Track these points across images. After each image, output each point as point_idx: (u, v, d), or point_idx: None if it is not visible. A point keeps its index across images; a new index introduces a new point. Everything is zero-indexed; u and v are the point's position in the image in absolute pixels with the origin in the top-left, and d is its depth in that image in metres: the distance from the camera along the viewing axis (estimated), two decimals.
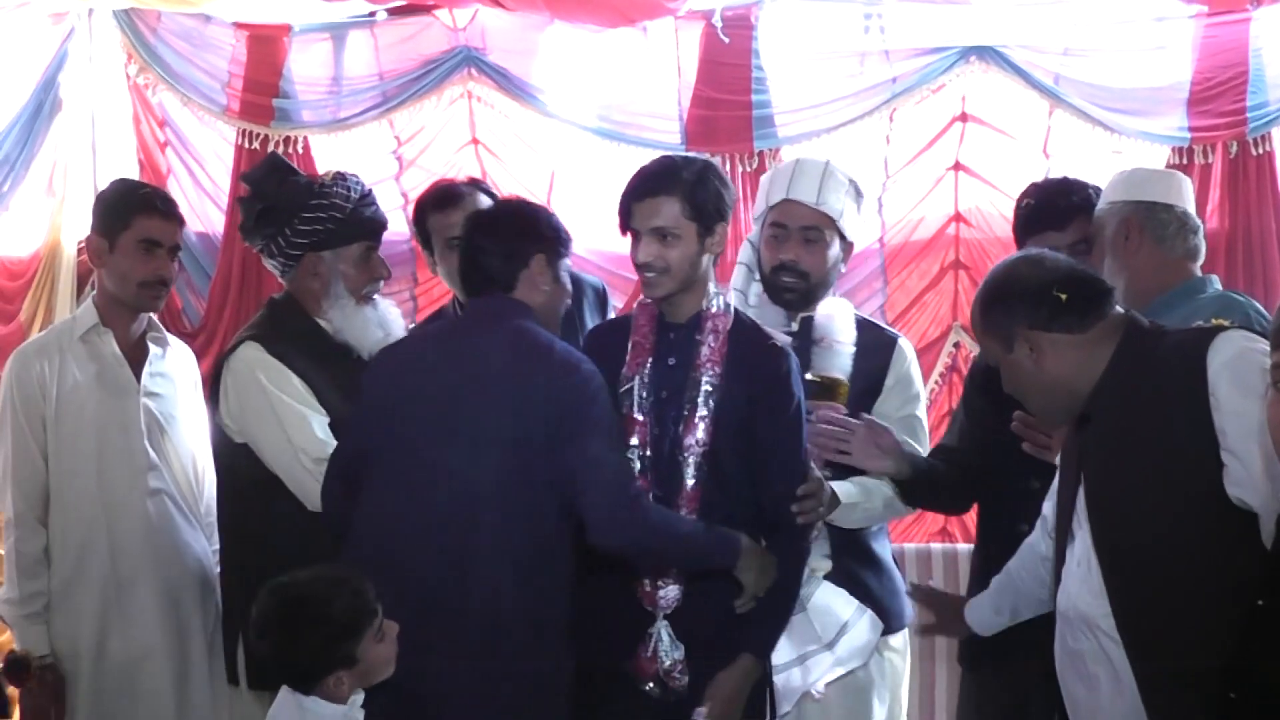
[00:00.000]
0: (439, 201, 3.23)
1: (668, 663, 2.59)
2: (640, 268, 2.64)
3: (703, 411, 2.62)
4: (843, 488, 2.80)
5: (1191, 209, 2.89)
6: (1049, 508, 2.53)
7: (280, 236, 2.94)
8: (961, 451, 2.92)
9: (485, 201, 3.21)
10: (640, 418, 2.65)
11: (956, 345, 4.54)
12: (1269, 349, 1.82)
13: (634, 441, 2.64)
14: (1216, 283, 2.86)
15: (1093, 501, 2.26)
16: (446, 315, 3.30)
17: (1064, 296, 2.25)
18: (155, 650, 3.16)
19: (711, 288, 2.70)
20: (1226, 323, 2.34)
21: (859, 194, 3.03)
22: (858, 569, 2.95)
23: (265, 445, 2.87)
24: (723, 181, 2.68)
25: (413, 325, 3.53)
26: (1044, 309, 2.25)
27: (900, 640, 3.06)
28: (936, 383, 4.52)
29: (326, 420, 2.86)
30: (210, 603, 3.25)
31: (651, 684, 2.62)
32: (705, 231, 2.62)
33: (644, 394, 2.66)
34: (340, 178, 2.99)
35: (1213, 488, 2.09)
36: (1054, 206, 2.96)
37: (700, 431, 2.61)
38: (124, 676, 3.16)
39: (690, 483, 2.61)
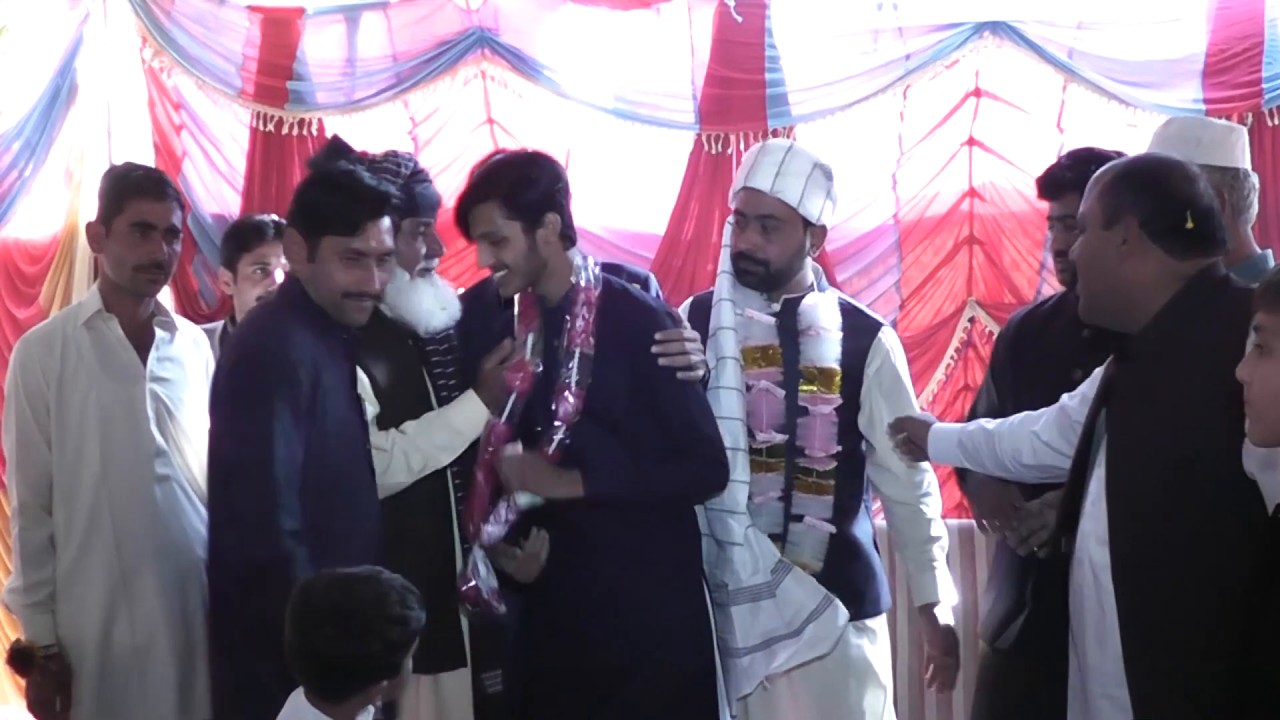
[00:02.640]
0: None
1: (484, 590, 2.73)
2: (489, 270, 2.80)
3: (573, 385, 2.73)
4: None
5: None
6: (1070, 405, 2.48)
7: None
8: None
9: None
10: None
11: (971, 321, 4.54)
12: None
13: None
14: (1270, 258, 2.81)
15: (1113, 442, 2.23)
16: (491, 286, 3.30)
17: (1192, 225, 2.21)
18: (160, 639, 3.15)
19: (577, 263, 2.80)
20: None
21: (827, 176, 3.02)
22: (833, 554, 2.98)
23: None
24: (545, 171, 2.78)
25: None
26: (1167, 219, 2.19)
27: (878, 624, 3.07)
28: (952, 358, 4.52)
29: (375, 410, 2.84)
30: None
31: (472, 607, 2.78)
32: (532, 225, 2.72)
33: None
34: (392, 155, 2.97)
35: (1231, 453, 2.05)
36: (1052, 178, 2.93)
37: (569, 406, 2.74)
38: (129, 665, 3.14)
39: (550, 450, 2.74)
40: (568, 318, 2.76)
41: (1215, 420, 2.07)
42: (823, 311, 3.01)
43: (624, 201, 4.75)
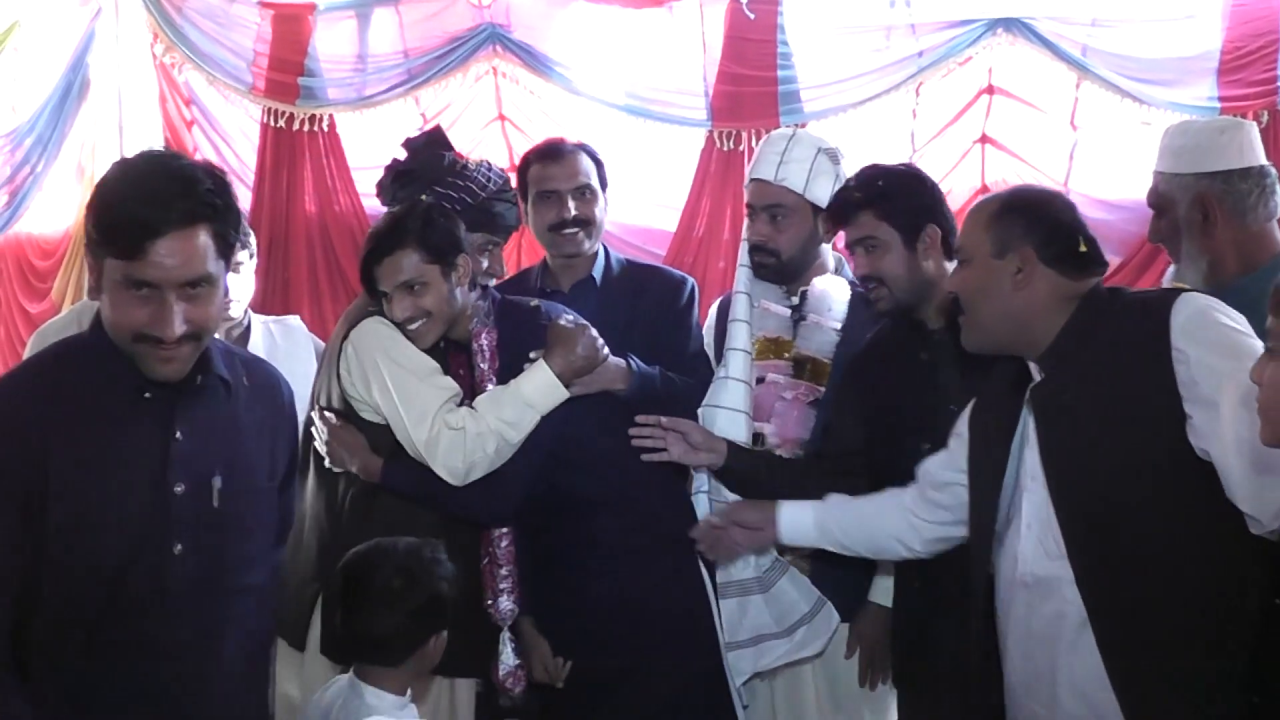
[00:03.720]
0: (542, 154, 3.17)
1: (503, 671, 2.68)
2: (402, 324, 2.67)
3: None
4: None
5: (1263, 158, 2.66)
6: (932, 466, 2.47)
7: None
8: (834, 441, 2.82)
9: (586, 162, 3.20)
10: None
11: None
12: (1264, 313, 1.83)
13: None
14: None
15: (1049, 460, 2.24)
16: (532, 277, 3.29)
17: (1084, 249, 2.25)
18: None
19: (471, 308, 2.74)
20: (1185, 285, 2.32)
21: (834, 159, 2.98)
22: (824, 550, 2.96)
23: (396, 421, 2.72)
24: (446, 215, 2.72)
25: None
26: (1059, 245, 2.24)
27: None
28: None
29: (448, 390, 2.73)
30: None
31: (502, 694, 2.73)
32: (449, 268, 2.66)
33: None
34: (485, 166, 2.91)
35: (1174, 441, 2.08)
36: (837, 204, 2.79)
37: None
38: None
39: None
40: (473, 359, 2.75)
41: (1145, 416, 2.12)
42: (829, 298, 2.97)
43: (635, 198, 4.73)
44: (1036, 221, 2.26)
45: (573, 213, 2.98)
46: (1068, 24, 4.47)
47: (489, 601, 2.71)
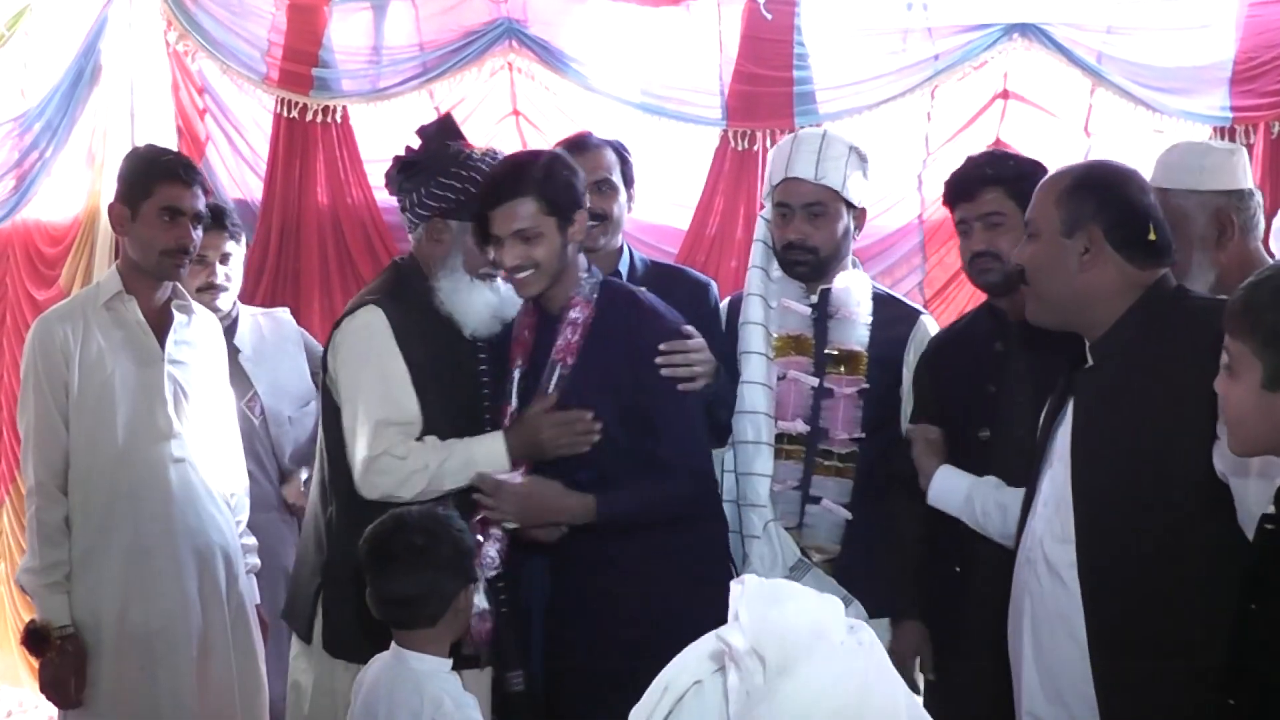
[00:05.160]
0: (567, 146, 3.23)
1: (474, 622, 2.69)
2: (510, 271, 2.71)
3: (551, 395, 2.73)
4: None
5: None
6: None
7: (415, 192, 2.91)
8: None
9: (610, 156, 3.23)
10: (513, 407, 2.81)
11: None
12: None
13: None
14: None
15: (1077, 444, 2.27)
16: None
17: (1154, 236, 2.24)
18: (176, 621, 3.16)
19: (582, 274, 2.76)
20: None
21: (862, 158, 3.04)
22: (853, 542, 2.99)
23: (349, 419, 2.83)
24: (570, 170, 2.74)
25: None
26: (1128, 229, 2.24)
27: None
28: None
29: (405, 416, 2.80)
30: (233, 575, 3.26)
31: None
32: (565, 222, 2.69)
33: (520, 385, 2.81)
34: (492, 154, 2.95)
35: (1200, 456, 2.11)
36: (966, 178, 2.92)
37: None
38: (145, 647, 3.15)
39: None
40: (559, 328, 2.75)
41: (1181, 424, 2.14)
42: (854, 293, 3.00)
43: (649, 196, 4.71)
44: (1108, 202, 2.25)
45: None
46: (1083, 30, 4.48)
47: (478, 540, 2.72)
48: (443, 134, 3.00)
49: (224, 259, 3.74)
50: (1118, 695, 2.20)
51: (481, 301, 2.89)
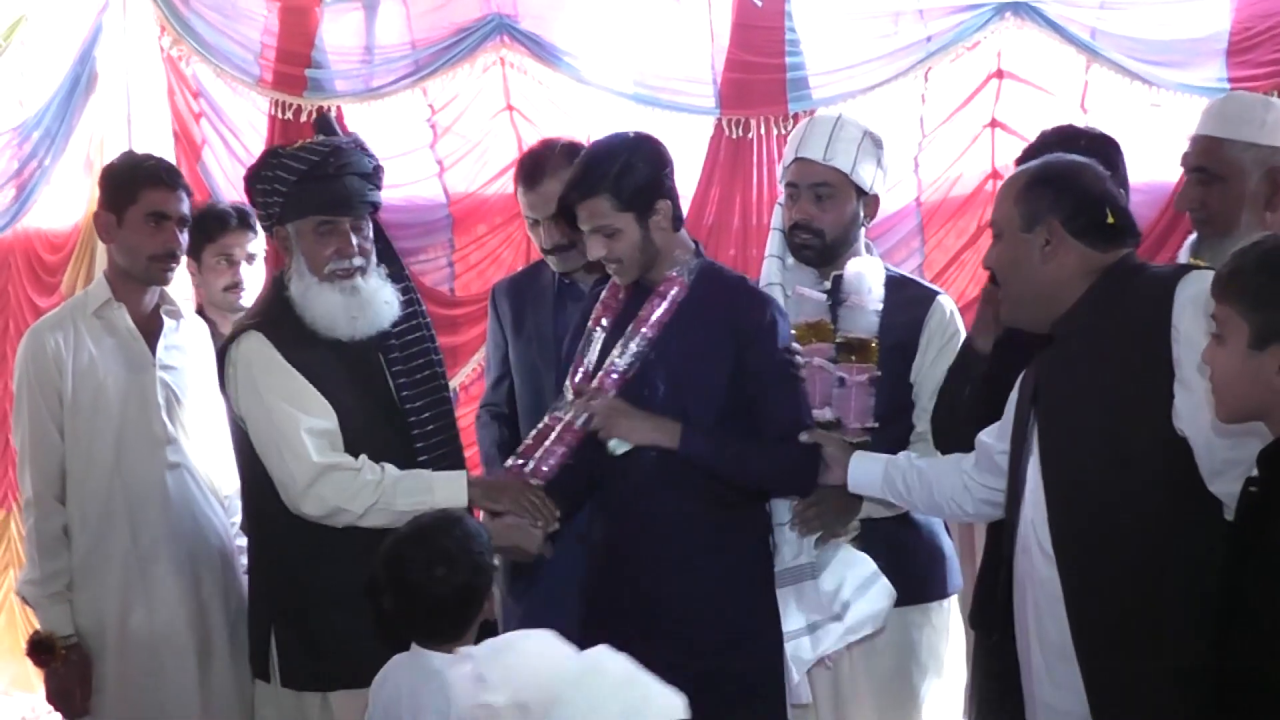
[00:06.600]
0: (570, 154, 3.26)
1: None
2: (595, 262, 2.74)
3: (620, 367, 2.71)
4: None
5: None
6: (987, 434, 2.53)
7: (255, 207, 2.93)
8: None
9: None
10: (585, 366, 2.79)
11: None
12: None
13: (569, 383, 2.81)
14: None
15: (1044, 422, 2.29)
16: (546, 275, 3.34)
17: (1112, 220, 2.26)
18: (178, 627, 3.15)
19: (681, 253, 2.73)
20: (1202, 263, 2.34)
21: (877, 144, 3.01)
22: (896, 531, 2.94)
23: (263, 454, 2.81)
24: (650, 158, 2.70)
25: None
26: (1086, 216, 2.28)
27: (940, 612, 3.03)
28: None
29: (323, 424, 2.78)
30: (232, 578, 3.25)
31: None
32: (645, 214, 2.65)
33: (597, 347, 2.80)
34: (306, 146, 2.88)
35: (1162, 420, 2.13)
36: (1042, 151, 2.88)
37: (596, 384, 2.73)
38: (148, 654, 3.14)
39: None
40: (651, 299, 2.73)
41: (1139, 387, 2.16)
42: (866, 279, 2.97)
43: None
44: (1063, 193, 2.28)
45: None
46: (1076, 7, 4.44)
47: (519, 463, 2.75)
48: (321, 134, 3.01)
49: (249, 259, 3.76)
50: (1104, 680, 2.19)
51: (331, 303, 2.83)
